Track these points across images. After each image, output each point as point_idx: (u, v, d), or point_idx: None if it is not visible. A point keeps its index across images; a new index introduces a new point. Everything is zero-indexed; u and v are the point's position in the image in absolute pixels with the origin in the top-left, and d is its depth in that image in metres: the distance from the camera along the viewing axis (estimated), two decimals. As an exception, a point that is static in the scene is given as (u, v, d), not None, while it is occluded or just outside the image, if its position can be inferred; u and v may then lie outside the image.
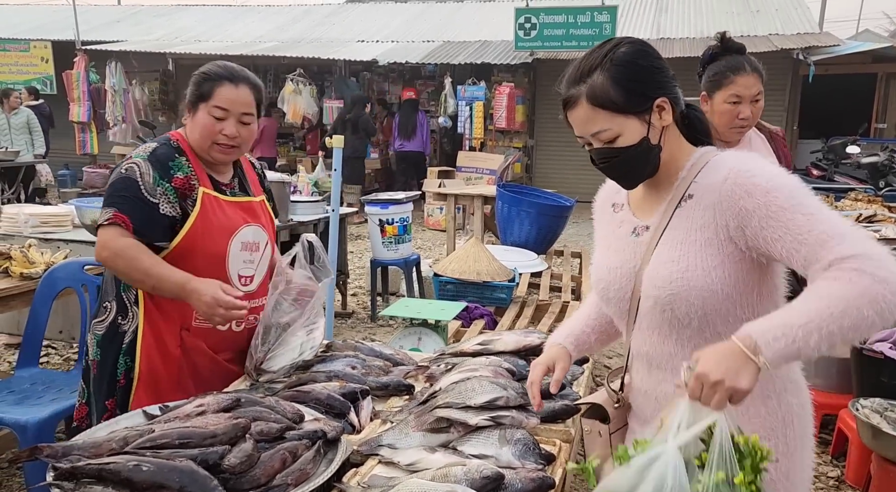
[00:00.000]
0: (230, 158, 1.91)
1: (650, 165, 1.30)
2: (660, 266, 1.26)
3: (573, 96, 1.30)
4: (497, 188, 5.69)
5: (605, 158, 1.32)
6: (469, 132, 10.11)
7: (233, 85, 1.83)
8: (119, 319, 1.86)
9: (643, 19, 12.04)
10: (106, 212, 1.78)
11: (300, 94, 10.77)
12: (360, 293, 5.96)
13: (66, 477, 1.14)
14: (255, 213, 1.96)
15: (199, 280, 1.73)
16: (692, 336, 1.26)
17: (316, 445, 1.36)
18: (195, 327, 1.85)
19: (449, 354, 1.95)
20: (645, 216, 1.36)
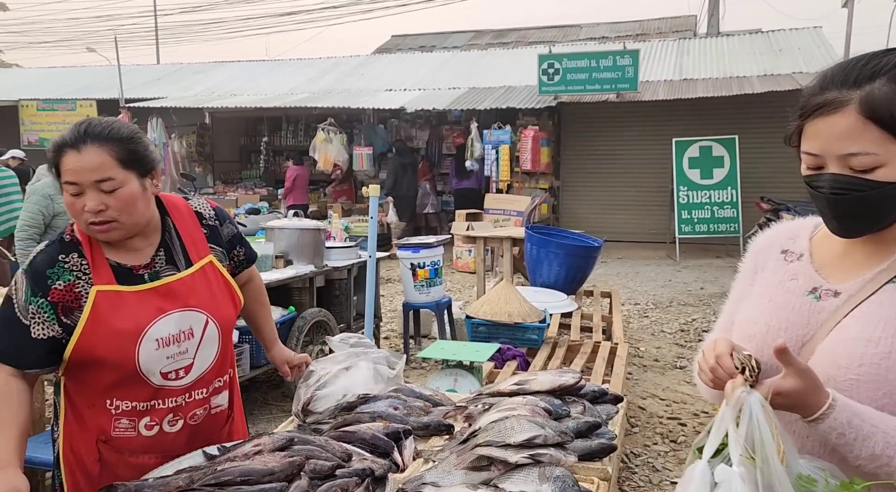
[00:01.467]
0: (117, 236, 1.52)
1: (886, 217, 1.04)
2: (847, 342, 1.04)
3: (838, 100, 1.01)
4: (525, 230, 5.79)
5: (843, 188, 1.02)
6: (496, 175, 10.29)
7: (75, 150, 1.45)
8: (54, 426, 1.64)
9: (665, 61, 12.25)
10: None
11: (331, 142, 11.13)
12: (392, 336, 6.04)
13: (140, 512, 1.24)
14: (180, 294, 1.57)
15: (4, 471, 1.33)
16: None
17: (365, 482, 1.44)
18: (115, 437, 1.55)
19: (486, 395, 2.02)
20: (836, 278, 1.12)
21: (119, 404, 1.53)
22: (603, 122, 11.69)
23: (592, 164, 11.92)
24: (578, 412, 1.89)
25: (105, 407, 1.53)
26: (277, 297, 4.31)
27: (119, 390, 1.52)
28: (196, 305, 1.58)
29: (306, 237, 4.54)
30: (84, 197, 1.46)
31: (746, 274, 1.29)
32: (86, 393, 1.54)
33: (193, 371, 1.60)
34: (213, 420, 1.69)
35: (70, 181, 1.46)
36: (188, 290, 1.59)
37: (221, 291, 1.65)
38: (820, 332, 1.09)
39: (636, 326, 6.42)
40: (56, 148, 1.48)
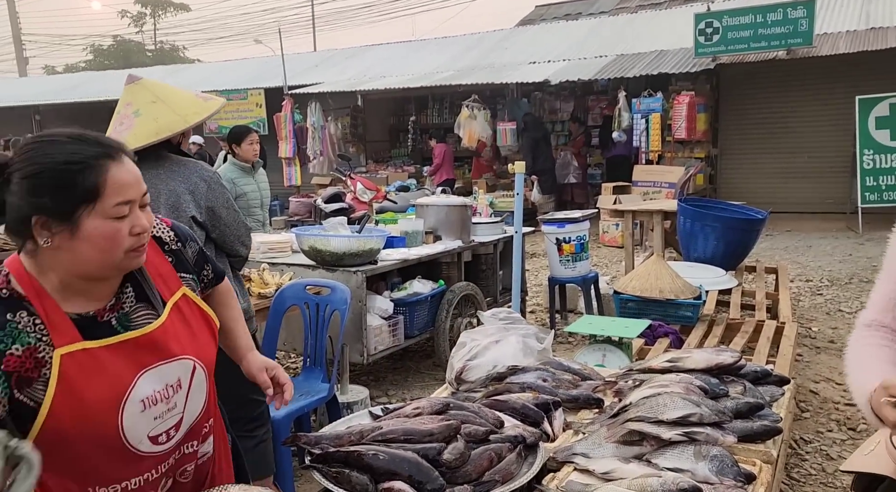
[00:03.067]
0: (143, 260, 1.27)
1: None
2: None
3: None
4: (678, 202, 5.51)
5: None
6: (645, 145, 9.83)
7: (118, 162, 1.20)
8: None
9: (847, 10, 10.88)
10: None
11: (475, 119, 11.25)
12: (538, 310, 6.07)
13: (321, 460, 1.39)
14: (162, 343, 1.28)
15: None
16: None
17: (517, 448, 1.50)
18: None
19: (637, 371, 2.00)
20: None
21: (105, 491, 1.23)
22: (769, 82, 10.67)
23: (756, 129, 10.96)
24: (738, 392, 1.81)
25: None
26: (428, 271, 4.50)
27: (100, 474, 1.22)
28: (181, 353, 1.29)
29: (454, 213, 4.68)
30: (129, 218, 1.20)
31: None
32: (59, 480, 1.18)
33: (183, 426, 1.32)
34: (200, 470, 1.41)
35: (126, 200, 1.19)
36: (169, 336, 1.29)
37: (201, 327, 1.36)
38: None
39: (807, 304, 5.89)
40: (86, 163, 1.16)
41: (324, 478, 1.34)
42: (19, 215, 1.15)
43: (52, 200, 1.14)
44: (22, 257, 1.22)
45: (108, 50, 34.70)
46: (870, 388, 1.14)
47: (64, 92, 17.13)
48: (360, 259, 3.81)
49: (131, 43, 35.34)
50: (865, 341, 1.27)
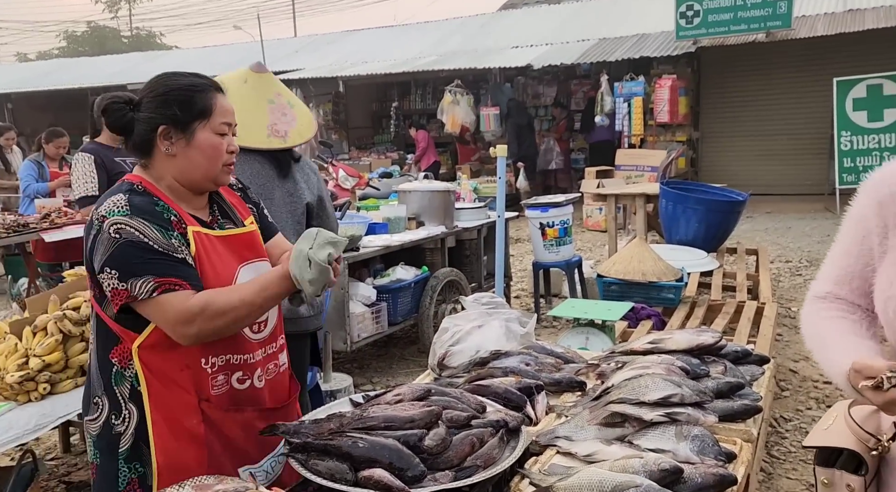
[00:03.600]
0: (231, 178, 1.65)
1: None
2: None
3: None
4: (660, 185, 5.53)
5: None
6: (628, 129, 9.84)
7: (223, 95, 1.55)
8: (112, 419, 1.49)
9: (825, -9, 10.94)
10: (143, 282, 1.39)
11: (458, 104, 11.19)
12: (522, 295, 6.08)
13: (300, 450, 1.38)
14: (252, 244, 1.61)
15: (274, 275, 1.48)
16: None
17: (500, 432, 1.49)
18: (215, 396, 1.50)
19: (619, 353, 1.99)
20: None
21: (214, 361, 1.49)
22: (749, 65, 10.71)
23: (737, 112, 11.02)
24: (719, 372, 1.82)
25: (201, 366, 1.47)
26: (411, 257, 4.48)
27: (214, 345, 1.48)
28: (264, 257, 1.62)
29: (437, 199, 4.65)
30: (227, 138, 1.53)
31: (872, 229, 1.15)
32: (177, 356, 1.45)
33: (268, 325, 1.60)
34: (282, 378, 1.67)
35: (227, 122, 1.53)
36: (256, 242, 1.62)
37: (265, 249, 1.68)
38: None
39: (787, 285, 5.96)
40: (202, 89, 1.50)
41: (302, 467, 1.32)
42: (149, 126, 1.48)
43: (179, 110, 1.47)
44: (137, 171, 1.54)
45: (82, 36, 33.99)
46: (843, 365, 1.14)
47: (36, 79, 16.75)
48: (341, 246, 3.77)
49: (106, 29, 34.62)
50: (822, 315, 1.27)
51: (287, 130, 2.36)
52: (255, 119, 2.32)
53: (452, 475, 1.34)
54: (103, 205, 1.44)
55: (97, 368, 1.52)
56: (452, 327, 2.11)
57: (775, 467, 2.96)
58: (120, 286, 1.40)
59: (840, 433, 1.16)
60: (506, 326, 2.14)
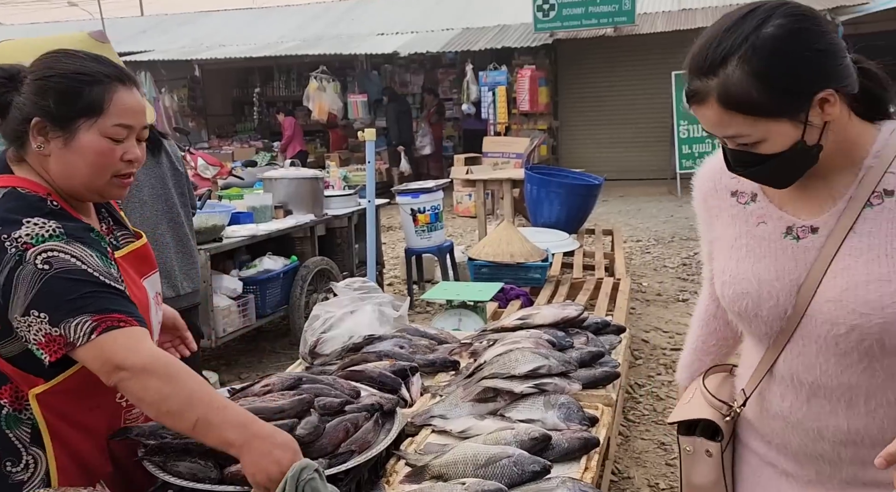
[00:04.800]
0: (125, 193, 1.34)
1: (805, 167, 1.03)
2: (859, 287, 1.00)
3: (701, 91, 1.01)
4: (525, 171, 5.75)
5: (743, 163, 1.05)
6: (493, 117, 10.13)
7: (128, 88, 1.24)
8: (7, 467, 1.23)
9: (664, -9, 11.88)
10: (79, 324, 1.12)
11: (324, 90, 10.93)
12: (395, 282, 6.09)
13: (156, 452, 1.27)
14: (148, 255, 1.43)
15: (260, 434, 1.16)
16: (891, 364, 1.03)
17: (374, 416, 1.47)
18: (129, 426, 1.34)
19: (490, 331, 2.04)
20: (806, 215, 1.08)
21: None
22: (601, 58, 11.42)
23: (591, 102, 11.71)
24: (582, 343, 1.91)
25: (115, 402, 1.30)
26: (279, 247, 4.31)
27: None
28: (156, 267, 1.45)
29: (304, 186, 4.51)
30: (126, 143, 1.24)
31: (705, 222, 1.24)
32: (88, 393, 1.25)
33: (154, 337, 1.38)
34: None
35: (126, 124, 1.22)
36: (150, 252, 1.44)
37: None
38: (813, 272, 1.05)
39: (638, 262, 6.44)
40: (96, 80, 1.20)
41: (160, 470, 1.22)
42: (21, 115, 1.20)
43: (55, 104, 1.18)
44: (19, 172, 1.24)
45: None
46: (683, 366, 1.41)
47: None
48: (202, 237, 3.55)
49: None
50: (697, 311, 1.39)
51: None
52: None
53: (326, 463, 1.29)
54: (19, 230, 1.15)
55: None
56: (324, 314, 2.05)
57: (631, 429, 3.19)
58: (53, 332, 1.13)
59: (698, 406, 1.24)
60: (379, 310, 2.12)
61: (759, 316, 1.11)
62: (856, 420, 1.07)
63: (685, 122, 10.10)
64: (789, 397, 1.12)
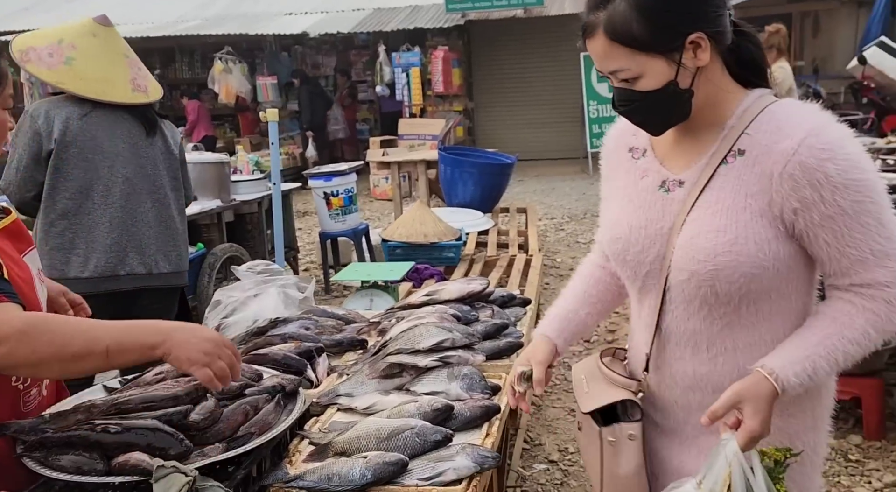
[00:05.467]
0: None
1: (678, 112, 1.11)
2: (700, 236, 1.08)
3: (591, 24, 1.10)
4: (438, 151, 5.76)
5: (624, 100, 1.13)
6: (408, 99, 10.08)
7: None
8: None
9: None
10: None
11: (231, 72, 10.50)
12: (311, 268, 5.99)
13: (37, 447, 1.19)
14: (22, 231, 1.36)
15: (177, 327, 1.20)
16: (726, 314, 1.12)
17: (276, 398, 1.44)
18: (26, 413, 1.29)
19: (398, 308, 2.05)
20: (677, 169, 1.16)
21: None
22: (512, 40, 11.55)
23: (505, 83, 11.84)
24: (487, 316, 1.95)
25: (11, 385, 1.25)
26: (185, 235, 4.14)
27: None
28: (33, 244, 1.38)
29: (209, 171, 4.34)
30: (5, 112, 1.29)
31: (605, 178, 1.32)
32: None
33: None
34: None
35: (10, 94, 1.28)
36: (23, 227, 1.37)
37: None
38: (676, 223, 1.13)
39: (553, 238, 6.62)
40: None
41: (41, 466, 1.15)
42: None
43: None
44: None
45: None
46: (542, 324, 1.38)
47: None
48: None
49: None
50: (585, 262, 1.44)
51: (146, 85, 2.36)
52: (116, 74, 2.29)
53: (224, 447, 1.26)
54: None
55: None
56: (225, 299, 1.99)
57: (543, 399, 3.30)
58: None
59: (604, 390, 1.25)
60: (283, 292, 2.08)
61: (627, 260, 1.20)
62: (700, 366, 1.15)
63: (595, 102, 10.40)
64: (656, 345, 1.21)
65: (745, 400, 1.03)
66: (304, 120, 10.65)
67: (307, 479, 1.27)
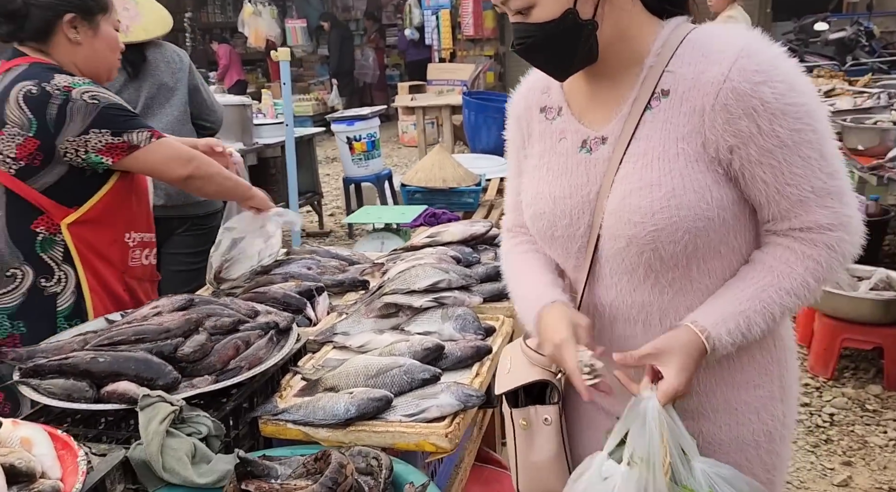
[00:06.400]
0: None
1: (582, 50, 0.96)
2: (633, 194, 0.96)
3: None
4: (463, 96, 5.63)
5: (520, 37, 0.99)
6: (437, 43, 9.84)
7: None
8: (42, 283, 1.66)
9: None
10: (139, 133, 1.62)
11: (260, 15, 10.36)
12: (336, 213, 6.02)
13: (32, 374, 1.24)
14: None
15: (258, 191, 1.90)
16: (676, 279, 1.00)
17: (269, 334, 1.46)
18: (131, 267, 1.79)
19: (401, 250, 2.04)
20: (598, 124, 1.03)
21: (135, 237, 1.78)
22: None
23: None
24: (490, 259, 1.93)
25: (124, 241, 1.74)
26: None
27: (137, 223, 1.78)
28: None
29: (231, 114, 4.32)
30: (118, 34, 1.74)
31: (517, 145, 1.18)
32: (107, 231, 1.70)
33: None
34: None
35: (118, 19, 1.74)
36: None
37: None
38: (604, 186, 0.99)
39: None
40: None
41: (34, 392, 1.19)
42: (53, 13, 1.60)
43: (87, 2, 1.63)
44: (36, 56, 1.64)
45: None
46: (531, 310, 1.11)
47: None
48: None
49: None
50: (514, 250, 1.24)
51: (128, 25, 2.32)
52: None
53: (213, 379, 1.29)
54: (55, 79, 1.57)
55: (8, 242, 1.64)
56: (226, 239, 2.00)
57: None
58: (116, 140, 1.60)
59: (523, 371, 1.14)
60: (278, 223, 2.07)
61: (555, 237, 1.07)
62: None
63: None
64: (596, 324, 1.07)
65: (670, 355, 0.94)
66: (331, 65, 10.53)
67: (294, 413, 1.29)
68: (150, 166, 1.68)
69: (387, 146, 9.28)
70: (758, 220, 1.00)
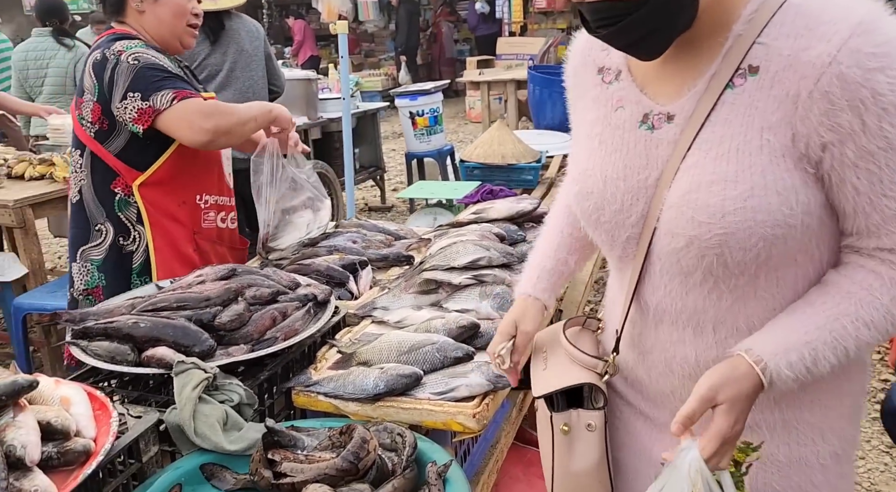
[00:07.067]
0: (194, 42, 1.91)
1: (682, 20, 0.80)
2: (701, 189, 0.81)
3: None
4: (528, 70, 5.50)
5: (604, 19, 0.81)
6: (508, 16, 9.65)
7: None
8: (120, 241, 1.80)
9: None
10: (162, 95, 1.65)
11: (333, -10, 10.48)
12: (400, 188, 6.05)
13: (81, 336, 1.30)
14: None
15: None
16: (738, 286, 0.86)
17: (307, 306, 1.47)
18: (205, 229, 1.87)
19: (447, 226, 2.01)
20: (665, 98, 0.88)
21: (207, 199, 1.85)
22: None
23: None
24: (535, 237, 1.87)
25: (195, 203, 1.82)
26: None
27: (207, 186, 1.85)
28: None
29: (297, 88, 4.40)
30: (192, 2, 1.81)
31: (573, 107, 1.04)
32: (176, 193, 1.79)
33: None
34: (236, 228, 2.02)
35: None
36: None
37: None
38: (666, 173, 0.85)
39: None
40: None
41: (82, 352, 1.25)
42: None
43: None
44: (119, 27, 1.79)
45: None
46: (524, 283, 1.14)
47: None
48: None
49: None
50: (552, 216, 1.19)
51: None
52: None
53: (248, 348, 1.32)
54: (115, 45, 1.68)
55: (94, 199, 1.77)
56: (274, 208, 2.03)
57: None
58: (144, 105, 1.65)
59: (563, 370, 1.02)
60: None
61: (601, 222, 0.94)
62: (705, 351, 0.90)
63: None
64: (638, 325, 0.97)
65: (720, 395, 0.79)
66: (398, 41, 10.52)
67: (325, 385, 1.30)
68: (172, 130, 1.69)
69: (454, 122, 9.24)
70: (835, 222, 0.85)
